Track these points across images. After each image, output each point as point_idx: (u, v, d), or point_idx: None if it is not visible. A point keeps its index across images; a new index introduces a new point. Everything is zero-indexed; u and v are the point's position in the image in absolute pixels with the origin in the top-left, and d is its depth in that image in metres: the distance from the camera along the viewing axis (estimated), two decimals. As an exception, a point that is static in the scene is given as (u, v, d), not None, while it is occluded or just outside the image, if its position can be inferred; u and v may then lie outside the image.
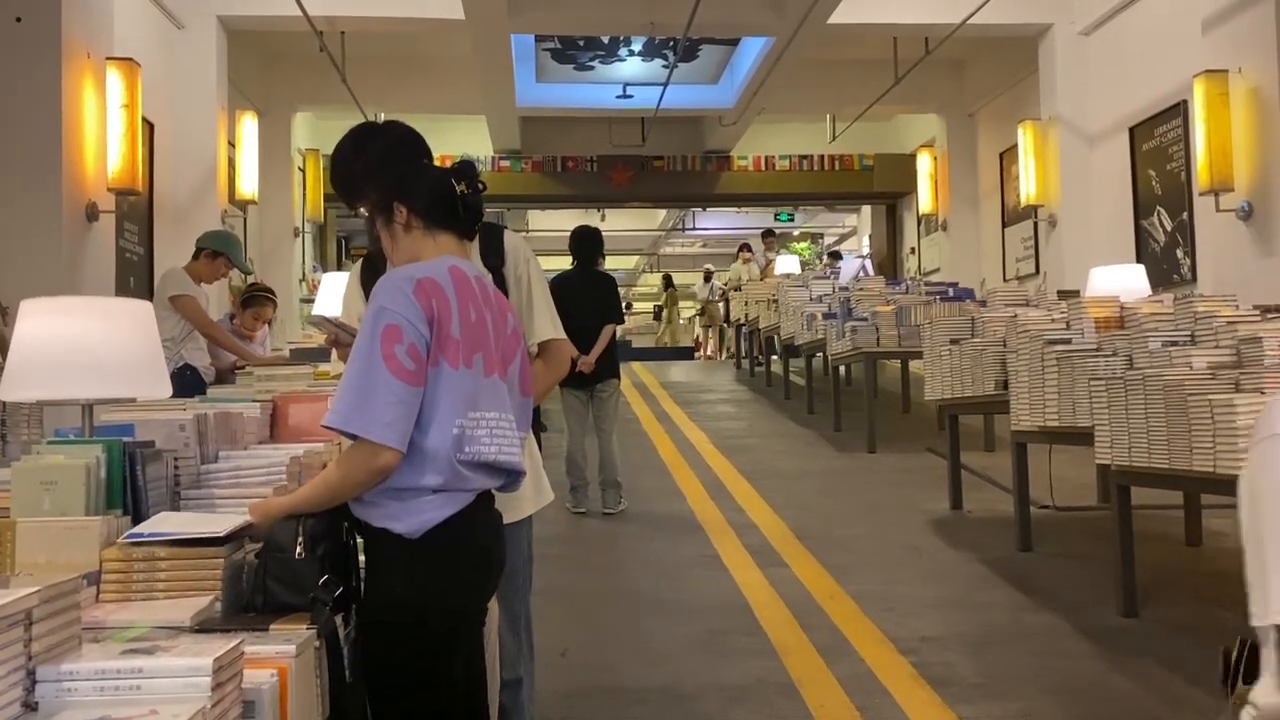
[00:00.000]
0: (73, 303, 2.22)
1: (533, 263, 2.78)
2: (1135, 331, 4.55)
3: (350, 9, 9.07)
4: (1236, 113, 6.80)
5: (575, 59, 11.48)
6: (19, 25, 5.68)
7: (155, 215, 8.06)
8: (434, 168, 2.34)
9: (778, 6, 9.14)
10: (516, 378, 2.23)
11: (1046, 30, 9.73)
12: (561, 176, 14.03)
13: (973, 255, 12.16)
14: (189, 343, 5.53)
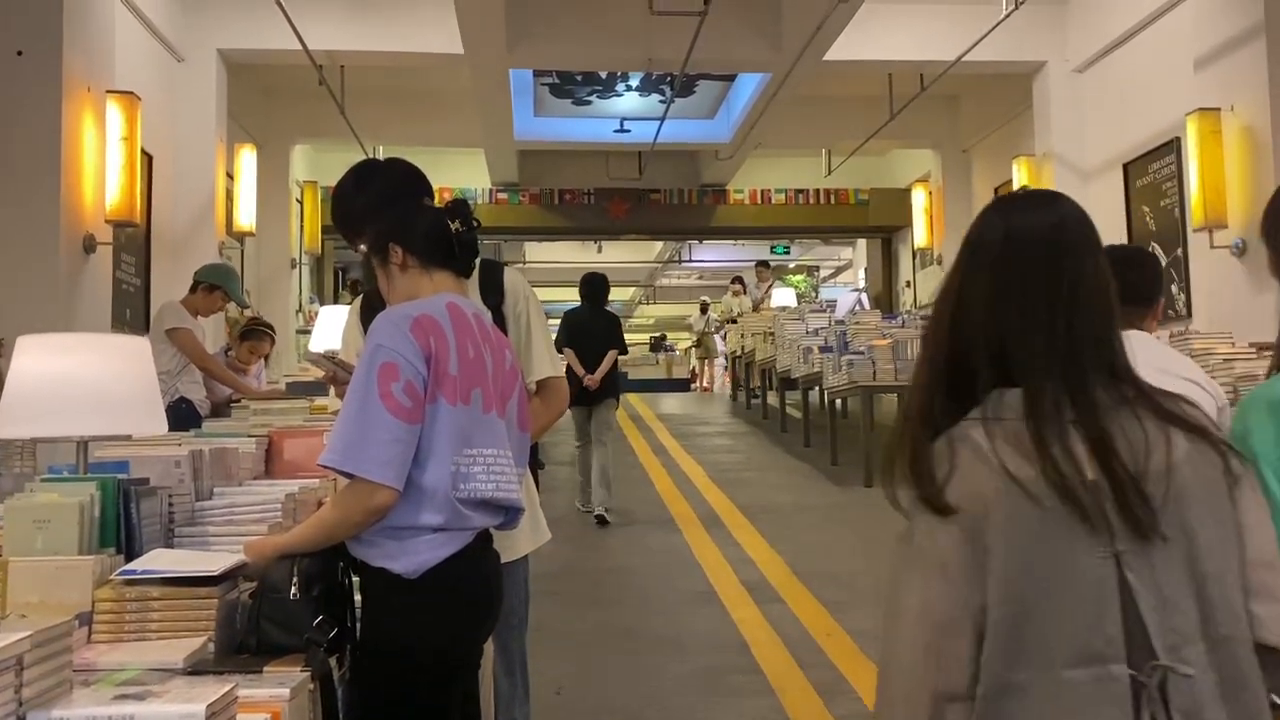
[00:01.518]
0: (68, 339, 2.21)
1: (532, 300, 2.78)
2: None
3: (350, 43, 9.13)
4: (1229, 150, 6.85)
5: (573, 94, 11.55)
6: (20, 58, 5.71)
7: (153, 247, 8.06)
8: (429, 207, 2.35)
9: (774, 43, 9.21)
10: (515, 414, 2.22)
11: (1040, 67, 9.83)
12: (559, 209, 14.08)
13: (968, 289, 12.19)
14: (185, 376, 5.52)
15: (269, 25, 8.08)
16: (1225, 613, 1.25)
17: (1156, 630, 1.22)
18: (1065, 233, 1.36)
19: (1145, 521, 1.23)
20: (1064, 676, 1.22)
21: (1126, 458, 1.25)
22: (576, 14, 9.04)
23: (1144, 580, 1.23)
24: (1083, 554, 1.24)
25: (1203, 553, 1.25)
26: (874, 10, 8.65)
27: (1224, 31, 6.91)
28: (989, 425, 1.29)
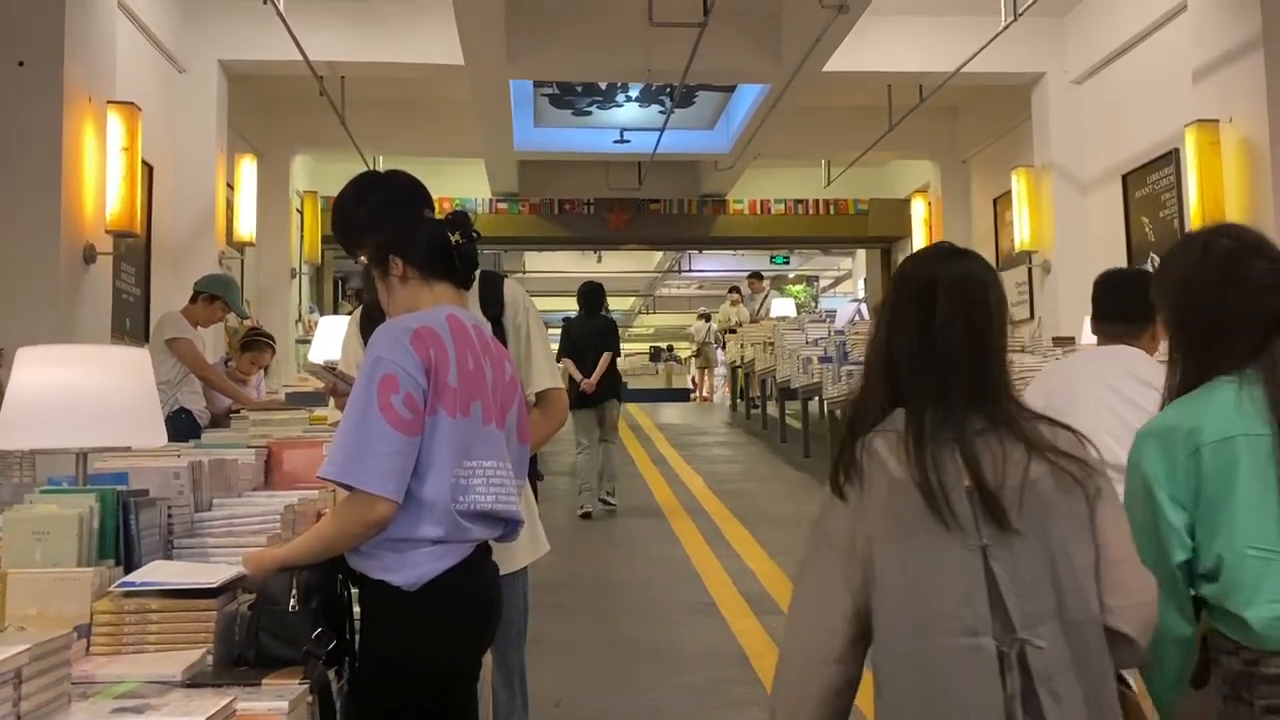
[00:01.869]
0: (68, 351, 2.21)
1: (532, 312, 2.78)
2: (1131, 379, 4.54)
3: (351, 54, 9.15)
4: (1228, 162, 6.87)
5: (573, 104, 11.58)
6: (21, 69, 5.72)
7: (153, 256, 8.07)
8: (429, 219, 2.35)
9: (774, 54, 9.24)
10: (514, 426, 2.22)
11: (1039, 79, 9.85)
12: (559, 219, 14.10)
13: (967, 300, 12.21)
14: (184, 386, 5.53)
15: (270, 36, 8.10)
16: (1076, 599, 1.52)
17: (1015, 610, 1.49)
18: (974, 279, 1.66)
19: (1005, 522, 1.52)
20: (943, 645, 1.49)
21: (989, 471, 1.54)
22: (576, 25, 9.06)
23: (1006, 569, 1.51)
24: (954, 545, 1.52)
25: (1058, 551, 1.53)
26: (873, 21, 8.67)
27: (1222, 43, 6.93)
28: (887, 435, 1.59)
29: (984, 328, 1.64)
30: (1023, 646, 1.48)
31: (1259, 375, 1.81)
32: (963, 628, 1.50)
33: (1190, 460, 1.77)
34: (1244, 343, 1.84)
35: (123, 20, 7.16)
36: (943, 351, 1.61)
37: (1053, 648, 1.49)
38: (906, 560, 1.53)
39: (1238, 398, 1.79)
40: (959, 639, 1.50)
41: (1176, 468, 1.78)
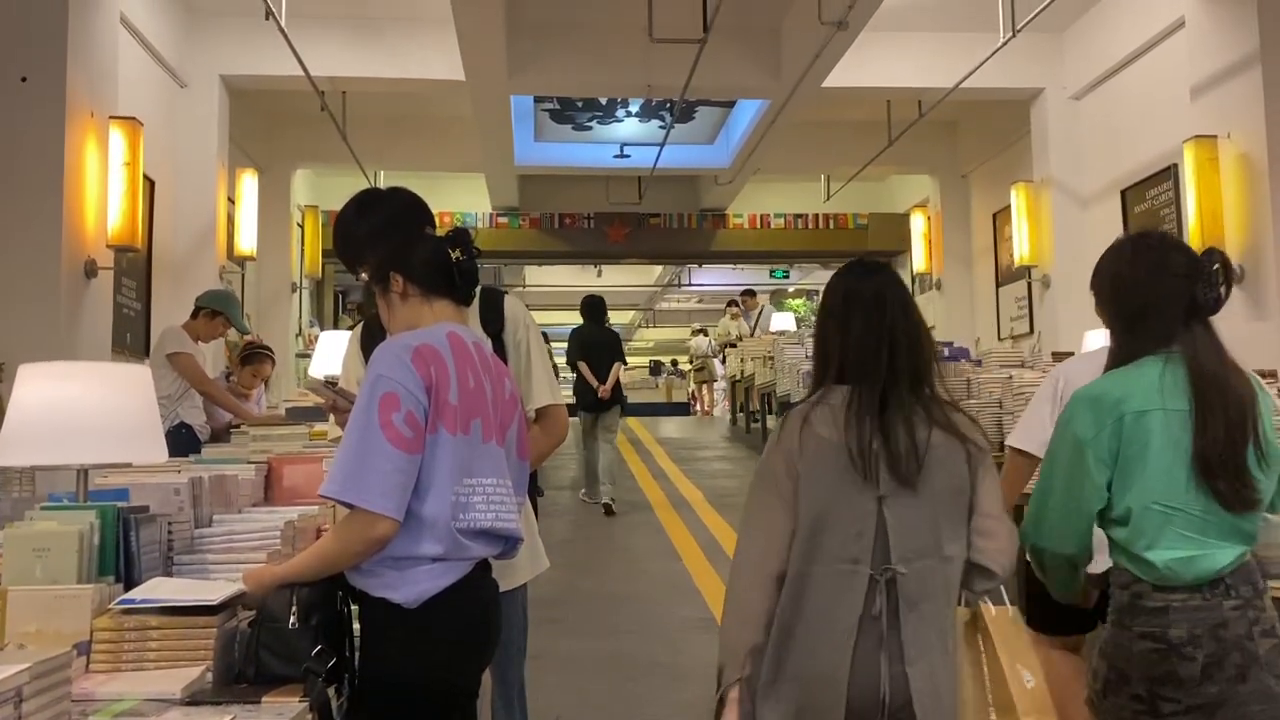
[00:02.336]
0: (70, 368, 2.22)
1: (532, 329, 2.79)
2: (1131, 395, 4.55)
3: (352, 70, 9.18)
4: (1226, 177, 6.88)
5: (573, 119, 11.62)
6: (24, 85, 5.74)
7: (154, 271, 8.08)
8: (429, 236, 2.36)
9: (773, 70, 9.28)
10: (514, 443, 2.23)
11: (1038, 94, 9.88)
12: (559, 233, 14.13)
13: (967, 314, 12.23)
14: (185, 401, 5.53)
15: (272, 51, 8.12)
16: (950, 542, 2.00)
17: (895, 547, 1.97)
18: (885, 290, 2.12)
19: (902, 479, 1.98)
20: (834, 569, 1.98)
21: (899, 440, 2.00)
22: (577, 41, 9.10)
23: (895, 515, 1.98)
24: (859, 493, 1.99)
25: (940, 504, 2.00)
26: (872, 38, 8.70)
27: (1220, 60, 6.96)
28: (815, 405, 2.07)
29: (893, 327, 2.09)
30: (893, 574, 1.96)
31: (1181, 356, 2.14)
32: (849, 557, 1.98)
33: (1115, 425, 2.12)
34: (1165, 325, 2.18)
35: (125, 35, 7.19)
36: (887, 350, 2.07)
37: (923, 577, 1.98)
38: (820, 500, 2.00)
39: (1161, 375, 2.13)
40: (843, 565, 1.98)
41: (1103, 430, 2.12)
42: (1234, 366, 2.18)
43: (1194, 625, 2.06)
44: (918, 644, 1.96)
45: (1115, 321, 2.29)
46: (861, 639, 1.96)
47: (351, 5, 8.82)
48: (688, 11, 7.64)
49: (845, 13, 7.61)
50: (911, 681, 1.95)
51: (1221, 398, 2.11)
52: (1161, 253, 2.25)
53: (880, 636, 1.96)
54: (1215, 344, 2.19)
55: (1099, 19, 9.16)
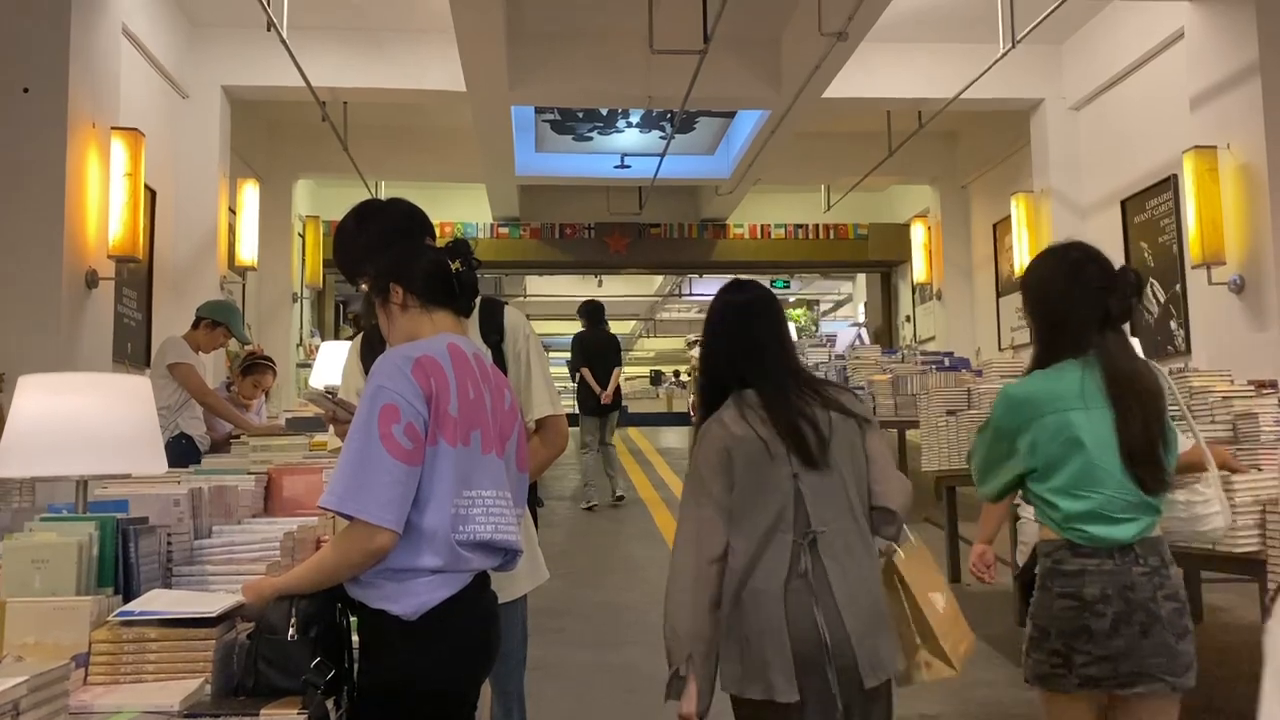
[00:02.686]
0: (69, 379, 2.22)
1: (532, 339, 2.79)
2: (1131, 406, 4.55)
3: (353, 80, 9.21)
4: (1226, 188, 6.89)
5: (574, 130, 11.64)
6: (26, 95, 5.76)
7: (155, 281, 8.09)
8: (429, 247, 2.36)
9: (773, 81, 9.30)
10: (514, 454, 2.22)
11: (1038, 105, 9.90)
12: (559, 243, 14.14)
13: (967, 324, 12.23)
14: (185, 411, 5.53)
15: (273, 62, 8.15)
16: (858, 499, 2.36)
17: (812, 515, 2.30)
18: (754, 305, 2.48)
19: (812, 458, 2.32)
20: (764, 541, 2.30)
21: (805, 427, 2.33)
22: (578, 52, 9.12)
23: (809, 489, 2.31)
24: (776, 475, 2.31)
25: (845, 471, 2.35)
26: (872, 49, 8.72)
27: (1219, 71, 6.97)
28: (728, 409, 2.38)
29: (769, 332, 2.47)
30: (814, 537, 2.30)
31: (1098, 360, 2.44)
32: (775, 528, 2.31)
33: (1037, 423, 2.46)
34: (1083, 333, 2.46)
35: (127, 47, 7.21)
36: (772, 353, 2.44)
37: (842, 534, 2.32)
38: (746, 488, 2.33)
39: (1081, 379, 2.44)
40: (774, 535, 2.31)
41: (1024, 426, 2.48)
42: (1143, 365, 2.51)
43: (1105, 585, 2.39)
44: (846, 591, 2.28)
45: (1038, 327, 2.57)
46: (794, 595, 2.27)
47: (352, 16, 8.84)
48: (688, 23, 7.66)
49: (845, 24, 7.63)
50: (846, 623, 2.26)
51: (1137, 398, 2.44)
52: (1080, 265, 2.52)
53: (811, 590, 2.28)
54: (1127, 348, 2.51)
55: (1098, 30, 9.18)
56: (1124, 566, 2.39)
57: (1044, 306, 2.55)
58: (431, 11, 8.42)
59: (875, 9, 7.56)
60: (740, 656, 2.27)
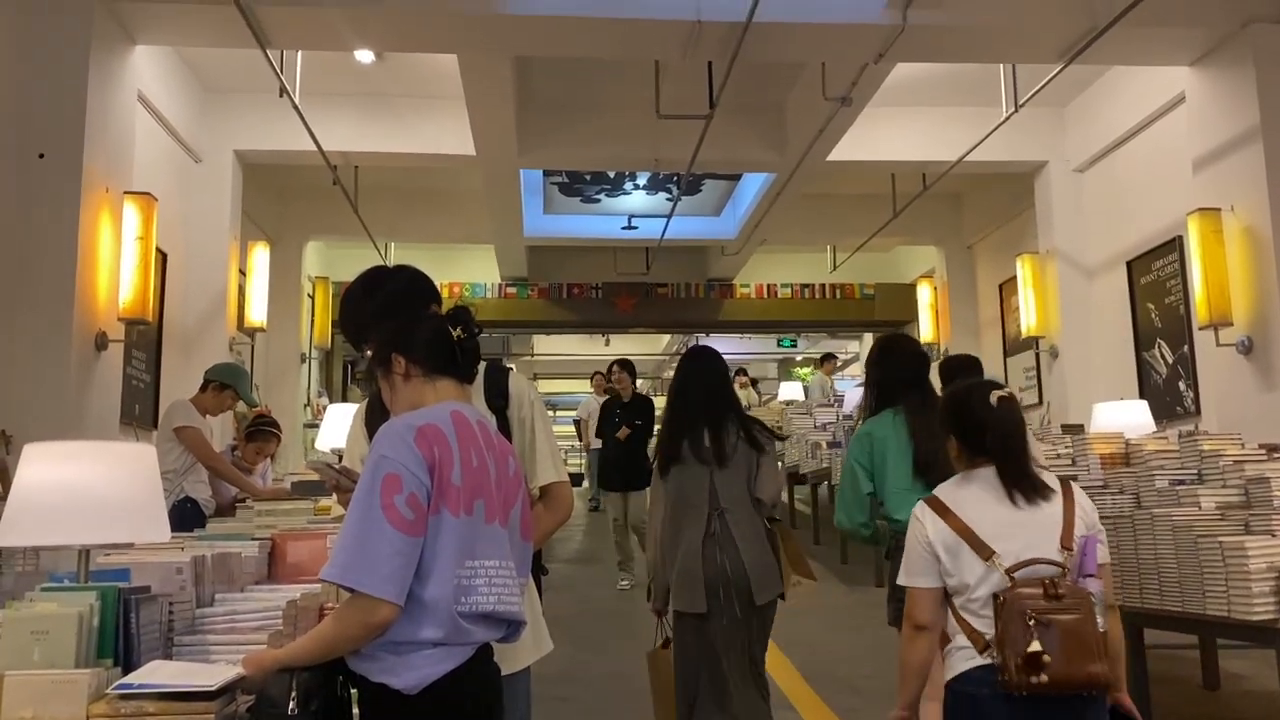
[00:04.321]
0: (76, 447, 2.22)
1: (537, 405, 2.78)
2: (1141, 469, 4.53)
3: (364, 145, 9.33)
4: (1231, 249, 6.90)
5: (582, 192, 11.76)
6: (42, 161, 5.83)
7: (164, 343, 8.12)
8: (430, 315, 2.37)
9: (778, 145, 9.41)
10: (517, 523, 2.21)
11: (1041, 167, 9.97)
12: (567, 303, 14.21)
13: (976, 384, 12.19)
14: (191, 475, 5.52)
15: (285, 127, 8.27)
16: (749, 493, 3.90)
17: (722, 497, 3.86)
18: (710, 364, 4.11)
19: (721, 463, 3.88)
20: (689, 514, 3.87)
21: (726, 445, 3.89)
22: (586, 117, 9.25)
23: (720, 482, 3.88)
24: (700, 472, 3.89)
25: (740, 474, 3.89)
26: (875, 113, 8.83)
27: (1220, 134, 7.03)
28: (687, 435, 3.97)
29: (715, 384, 4.06)
30: (721, 511, 3.84)
31: (904, 409, 3.80)
32: (696, 504, 3.86)
33: (871, 448, 3.78)
34: (896, 391, 3.88)
35: (141, 112, 7.32)
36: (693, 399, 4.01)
37: (739, 510, 3.86)
38: (681, 482, 3.90)
39: (894, 420, 3.80)
40: (694, 510, 3.86)
41: (865, 453, 3.79)
42: (933, 410, 3.35)
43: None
44: (743, 542, 3.84)
45: (869, 387, 4.07)
46: (707, 546, 3.84)
47: (364, 82, 8.99)
48: (694, 89, 7.79)
49: (848, 90, 7.75)
50: (744, 558, 3.82)
51: (926, 429, 3.60)
52: (896, 349, 4.11)
53: (718, 544, 3.84)
54: (926, 400, 3.81)
55: (1100, 94, 9.29)
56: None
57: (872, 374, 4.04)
58: (442, 78, 8.56)
59: (878, 76, 7.67)
60: (674, 581, 3.89)
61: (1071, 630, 2.42)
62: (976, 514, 2.60)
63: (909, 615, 2.70)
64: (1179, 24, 6.83)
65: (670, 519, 3.87)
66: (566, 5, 6.40)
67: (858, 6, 6.54)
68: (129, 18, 6.38)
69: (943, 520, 2.62)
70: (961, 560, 2.57)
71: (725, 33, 6.49)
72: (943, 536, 2.61)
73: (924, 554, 2.64)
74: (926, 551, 2.63)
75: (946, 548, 2.60)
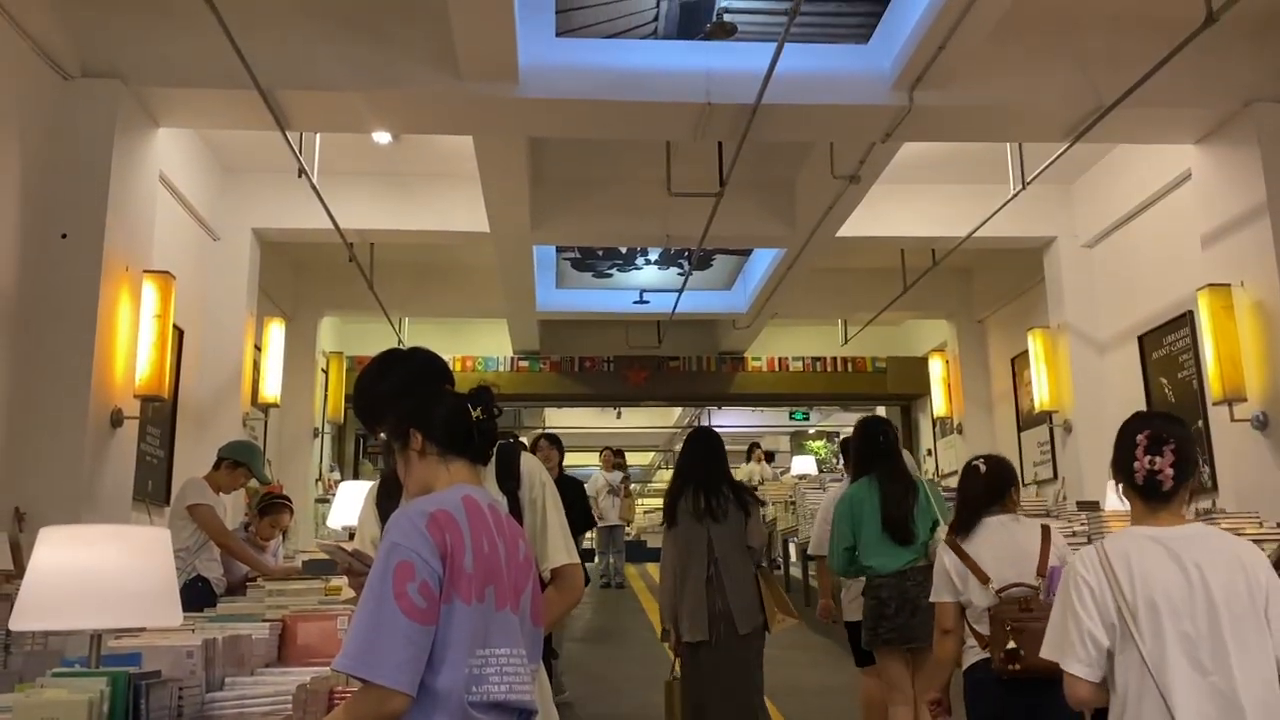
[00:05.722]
0: (90, 531, 2.23)
1: (548, 486, 2.79)
2: (1158, 549, 4.48)
3: (380, 223, 9.46)
4: (1242, 325, 6.89)
5: (594, 267, 11.88)
6: (64, 241, 5.93)
7: (178, 418, 8.16)
8: (450, 393, 2.39)
9: (788, 221, 9.51)
10: (528, 608, 2.20)
11: (1050, 243, 10.03)
12: (579, 376, 14.25)
13: (989, 458, 12.11)
14: (203, 553, 5.52)
15: (303, 205, 8.40)
16: (742, 542, 5.04)
17: (716, 548, 5.00)
18: (710, 441, 5.32)
19: (717, 519, 5.02)
20: (692, 561, 5.00)
21: (718, 507, 5.04)
22: (598, 195, 9.40)
23: (715, 535, 5.01)
24: (699, 529, 5.03)
25: (734, 530, 5.03)
26: (884, 190, 8.94)
27: (1228, 211, 7.08)
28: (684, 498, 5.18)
29: (709, 453, 5.22)
30: (717, 558, 4.95)
31: (875, 477, 5.04)
32: (698, 555, 4.97)
33: (850, 511, 4.98)
34: (869, 464, 5.13)
35: (162, 191, 7.45)
36: (694, 470, 5.19)
37: (733, 559, 4.96)
38: (685, 536, 5.04)
39: (868, 485, 5.01)
40: (695, 558, 4.97)
41: (847, 512, 4.99)
42: (902, 475, 5.07)
43: (890, 592, 4.83)
44: (732, 584, 4.89)
45: (852, 461, 5.41)
46: (708, 588, 4.88)
47: (380, 162, 9.16)
48: (704, 167, 7.91)
49: (857, 168, 7.86)
50: (731, 602, 4.84)
51: (894, 493, 4.94)
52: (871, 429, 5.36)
53: (715, 586, 4.88)
54: (895, 468, 5.08)
55: (1107, 171, 9.38)
56: (899, 581, 4.81)
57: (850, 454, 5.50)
58: (457, 157, 8.72)
59: (886, 154, 7.78)
60: (683, 614, 4.91)
61: (1039, 634, 2.74)
62: (979, 551, 3.75)
63: (938, 623, 3.82)
64: (1182, 104, 6.93)
65: (677, 563, 4.99)
66: (581, 89, 6.54)
67: (864, 88, 6.66)
68: (154, 102, 6.54)
69: (956, 556, 3.77)
70: (969, 584, 3.70)
71: (734, 114, 6.61)
72: (957, 568, 3.75)
73: (946, 579, 3.78)
74: (947, 577, 3.77)
75: (959, 575, 3.73)
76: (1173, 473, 2.51)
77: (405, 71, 6.43)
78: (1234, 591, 2.34)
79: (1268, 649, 2.30)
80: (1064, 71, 6.78)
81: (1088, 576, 2.46)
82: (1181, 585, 2.34)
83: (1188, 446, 2.57)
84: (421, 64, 6.42)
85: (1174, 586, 2.34)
